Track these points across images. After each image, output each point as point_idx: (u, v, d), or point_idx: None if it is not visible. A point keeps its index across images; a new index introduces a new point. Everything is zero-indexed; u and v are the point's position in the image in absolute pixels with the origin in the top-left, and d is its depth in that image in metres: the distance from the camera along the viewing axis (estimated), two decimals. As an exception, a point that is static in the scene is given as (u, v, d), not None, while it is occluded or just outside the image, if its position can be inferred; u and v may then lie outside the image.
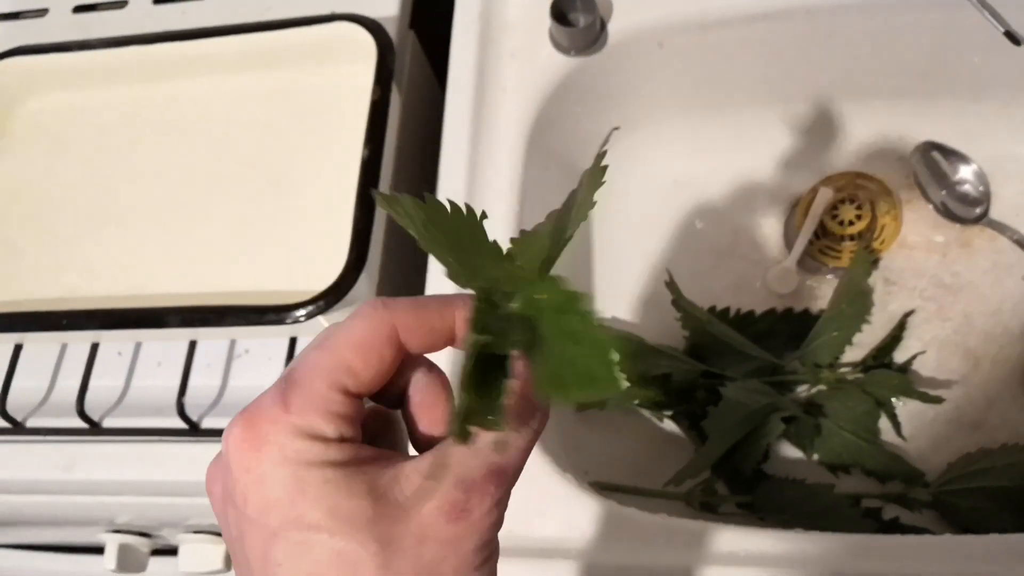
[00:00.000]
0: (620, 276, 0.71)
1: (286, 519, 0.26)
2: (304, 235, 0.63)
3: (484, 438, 0.27)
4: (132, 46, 0.68)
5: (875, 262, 0.67)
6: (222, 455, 0.28)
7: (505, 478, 0.27)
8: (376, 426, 0.30)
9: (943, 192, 0.68)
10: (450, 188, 0.63)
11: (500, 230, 0.60)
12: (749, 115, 0.72)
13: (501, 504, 0.27)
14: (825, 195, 0.68)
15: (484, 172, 0.63)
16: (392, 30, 0.66)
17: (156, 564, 0.68)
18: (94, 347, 0.64)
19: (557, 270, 0.27)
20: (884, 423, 0.62)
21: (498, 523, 0.27)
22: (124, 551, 0.65)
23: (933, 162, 0.69)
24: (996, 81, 0.67)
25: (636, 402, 0.64)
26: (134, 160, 0.69)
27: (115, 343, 0.65)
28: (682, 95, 0.71)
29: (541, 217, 0.30)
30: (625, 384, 0.23)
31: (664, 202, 0.73)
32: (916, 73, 0.68)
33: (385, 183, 0.62)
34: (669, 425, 0.66)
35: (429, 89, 0.73)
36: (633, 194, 0.73)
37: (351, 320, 0.28)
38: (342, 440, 0.27)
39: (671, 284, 0.65)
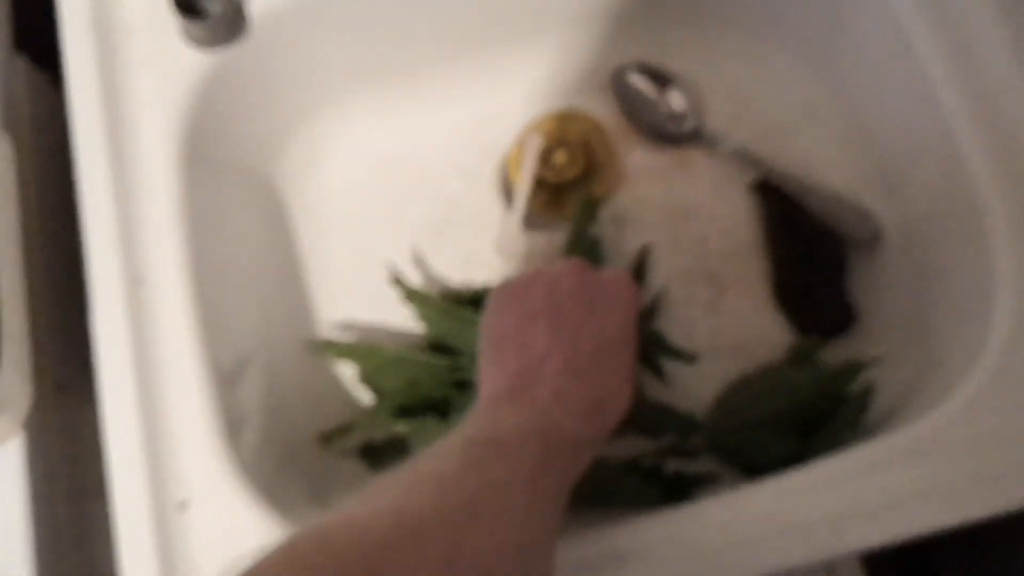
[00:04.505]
0: (336, 277, 0.64)
1: None
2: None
3: None
4: None
5: (598, 204, 0.62)
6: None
7: None
8: None
9: (652, 116, 0.64)
10: (103, 240, 0.52)
11: (170, 271, 0.51)
12: (439, 74, 0.65)
13: None
14: (534, 143, 0.63)
15: (140, 209, 0.53)
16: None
17: None
18: None
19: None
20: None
21: None
22: None
23: (635, 86, 0.64)
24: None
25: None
26: None
27: None
28: (358, 65, 0.63)
29: (228, 239, 0.22)
30: None
31: (369, 183, 0.65)
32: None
33: (11, 255, 0.50)
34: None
35: (58, 122, 0.61)
36: (333, 181, 0.65)
37: None
38: None
39: (398, 281, 0.59)
